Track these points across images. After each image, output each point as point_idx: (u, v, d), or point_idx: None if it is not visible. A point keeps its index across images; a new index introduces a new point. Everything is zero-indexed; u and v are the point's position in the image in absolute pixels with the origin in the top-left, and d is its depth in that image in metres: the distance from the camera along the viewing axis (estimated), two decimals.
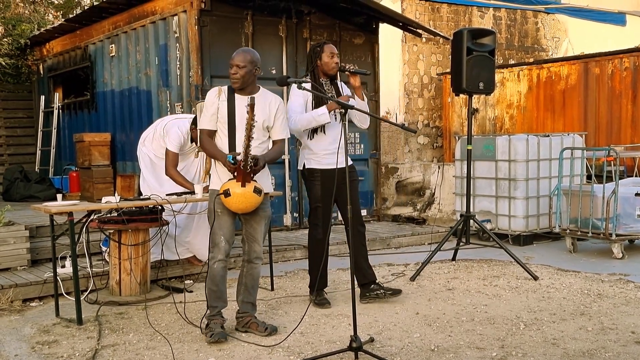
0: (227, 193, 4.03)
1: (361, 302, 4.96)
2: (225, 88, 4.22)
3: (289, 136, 4.46)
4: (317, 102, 4.80)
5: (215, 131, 4.21)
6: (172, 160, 5.72)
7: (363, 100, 4.93)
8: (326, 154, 4.81)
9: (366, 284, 5.06)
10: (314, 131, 4.80)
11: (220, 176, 4.19)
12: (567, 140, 7.75)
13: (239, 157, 4.01)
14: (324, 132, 4.81)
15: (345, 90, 5.03)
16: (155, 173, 5.93)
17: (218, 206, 4.15)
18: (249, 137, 3.93)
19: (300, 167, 4.98)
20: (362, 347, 3.73)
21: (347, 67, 4.85)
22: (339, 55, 4.93)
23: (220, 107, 4.15)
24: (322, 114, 4.70)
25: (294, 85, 4.74)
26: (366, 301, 5.02)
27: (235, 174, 4.04)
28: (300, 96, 4.78)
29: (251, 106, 3.89)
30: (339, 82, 5.01)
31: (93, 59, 9.58)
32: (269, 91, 4.33)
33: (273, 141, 4.32)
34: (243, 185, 4.03)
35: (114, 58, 8.97)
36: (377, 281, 5.10)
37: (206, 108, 4.20)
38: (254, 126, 3.94)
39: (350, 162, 4.94)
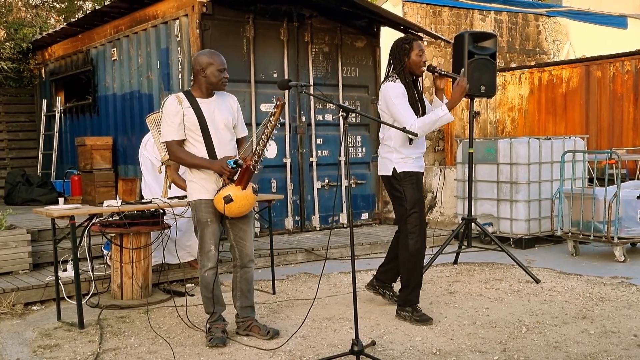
0: (228, 199, 3.98)
1: (365, 288, 5.03)
2: (181, 95, 4.13)
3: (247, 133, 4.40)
4: (412, 102, 4.54)
5: (184, 141, 4.11)
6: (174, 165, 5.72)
7: (443, 102, 4.74)
8: (416, 157, 4.63)
9: (384, 282, 5.05)
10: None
11: (205, 185, 4.10)
12: (569, 143, 7.74)
13: (240, 161, 4.00)
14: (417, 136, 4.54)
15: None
16: (156, 176, 5.93)
17: (208, 215, 4.11)
18: (268, 138, 3.93)
19: (387, 173, 4.62)
20: (363, 350, 3.73)
21: (437, 68, 4.71)
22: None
23: (187, 115, 4.05)
24: (445, 114, 4.42)
25: (389, 84, 4.52)
26: (370, 290, 5.05)
27: (235, 177, 4.01)
28: (402, 97, 4.48)
29: (281, 105, 3.88)
30: (419, 83, 4.76)
31: (95, 62, 9.60)
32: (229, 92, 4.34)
33: (239, 139, 4.28)
34: (244, 188, 4.02)
35: (116, 62, 8.99)
36: (392, 284, 5.09)
37: (169, 118, 4.06)
38: (277, 127, 3.94)
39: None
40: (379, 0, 12.09)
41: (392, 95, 4.49)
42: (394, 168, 4.58)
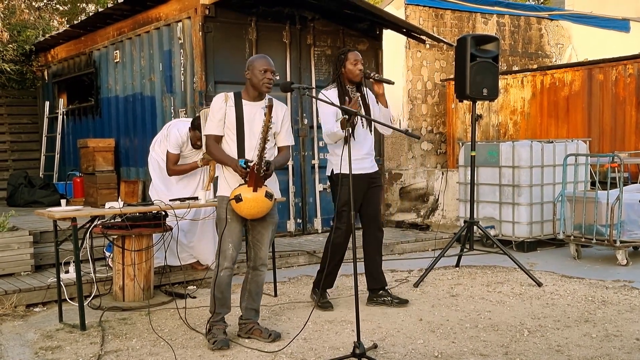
0: (238, 198, 4.00)
1: (366, 305, 5.03)
2: (231, 94, 4.22)
3: (294, 143, 4.48)
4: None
5: (222, 137, 4.20)
6: (171, 161, 5.80)
7: (387, 107, 4.99)
8: (355, 159, 4.69)
9: (375, 289, 5.10)
10: (351, 135, 4.74)
11: (229, 182, 4.16)
12: (571, 146, 7.74)
13: (251, 162, 4.00)
14: (354, 138, 4.78)
15: (370, 96, 5.08)
16: (163, 177, 5.96)
17: (228, 213, 4.12)
18: (264, 140, 3.94)
19: (328, 173, 5.01)
20: (365, 353, 3.73)
21: (371, 74, 4.93)
22: (363, 62, 4.98)
23: (227, 113, 4.15)
24: (336, 129, 4.68)
25: (322, 92, 4.80)
26: (372, 305, 5.06)
27: (247, 178, 4.03)
28: (332, 108, 4.70)
29: (269, 108, 3.91)
30: (364, 89, 5.04)
31: (97, 64, 9.61)
32: (275, 98, 4.31)
33: (279, 147, 4.32)
34: (255, 190, 4.02)
35: (119, 64, 9.00)
36: (386, 287, 5.13)
37: (213, 114, 4.19)
38: (270, 128, 3.96)
39: (376, 169, 5.02)
40: (382, 3, 12.11)
41: (325, 105, 4.77)
42: (332, 170, 4.91)
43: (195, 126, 5.59)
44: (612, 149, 9.23)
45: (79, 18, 12.82)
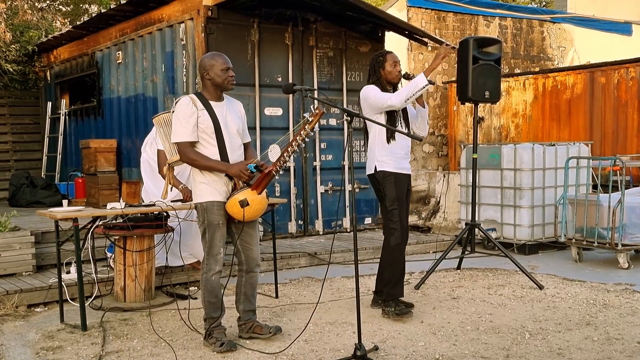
0: (244, 203, 3.97)
1: (370, 307, 5.04)
2: (194, 96, 4.09)
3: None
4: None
5: (195, 142, 4.06)
6: (163, 159, 5.71)
7: (424, 107, 5.01)
8: (397, 157, 4.84)
9: (381, 291, 5.07)
10: (392, 135, 4.82)
11: (216, 187, 4.07)
12: (573, 149, 7.73)
13: (261, 165, 4.01)
14: (395, 138, 4.84)
15: None
16: (154, 178, 5.93)
17: (220, 218, 4.09)
18: (299, 146, 3.99)
19: (370, 171, 4.90)
20: (366, 355, 3.73)
21: (411, 75, 4.94)
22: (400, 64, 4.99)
23: (201, 117, 4.01)
24: (420, 79, 4.69)
25: (366, 86, 4.88)
26: (376, 307, 5.06)
27: (252, 182, 4.01)
28: (378, 91, 4.81)
29: (319, 115, 3.93)
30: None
31: (100, 65, 9.63)
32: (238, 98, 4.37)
33: (245, 144, 4.30)
34: (260, 193, 4.03)
35: (121, 65, 9.02)
36: None
37: (184, 119, 4.00)
38: (310, 135, 3.99)
39: (410, 171, 5.05)
40: (384, 5, 12.11)
41: (370, 90, 4.83)
42: (375, 167, 4.85)
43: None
44: (614, 152, 9.23)
45: (82, 19, 12.83)
